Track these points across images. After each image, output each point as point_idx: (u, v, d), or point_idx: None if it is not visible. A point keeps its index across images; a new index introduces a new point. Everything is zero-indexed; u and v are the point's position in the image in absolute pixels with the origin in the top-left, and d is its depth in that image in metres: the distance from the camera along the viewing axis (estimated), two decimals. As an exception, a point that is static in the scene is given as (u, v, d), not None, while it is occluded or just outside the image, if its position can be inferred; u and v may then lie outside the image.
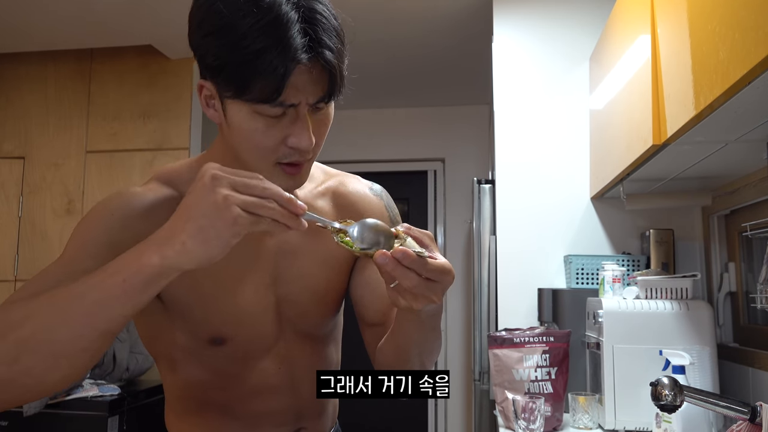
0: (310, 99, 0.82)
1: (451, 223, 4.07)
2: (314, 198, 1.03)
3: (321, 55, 0.80)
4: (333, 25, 0.82)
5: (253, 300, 0.97)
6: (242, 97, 0.80)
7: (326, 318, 1.06)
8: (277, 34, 0.77)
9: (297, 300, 1.00)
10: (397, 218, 1.09)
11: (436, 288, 0.75)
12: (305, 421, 1.05)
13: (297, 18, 0.78)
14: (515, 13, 2.53)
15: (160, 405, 1.10)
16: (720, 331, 2.02)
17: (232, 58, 0.79)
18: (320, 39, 0.80)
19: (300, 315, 1.02)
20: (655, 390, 1.30)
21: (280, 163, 0.87)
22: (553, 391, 1.84)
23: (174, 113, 3.30)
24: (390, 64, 3.41)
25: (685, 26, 1.26)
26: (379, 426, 3.96)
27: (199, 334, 0.96)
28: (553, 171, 2.43)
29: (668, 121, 1.38)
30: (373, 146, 4.08)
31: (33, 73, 3.44)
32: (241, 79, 0.79)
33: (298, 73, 0.79)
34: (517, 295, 2.38)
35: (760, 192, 1.73)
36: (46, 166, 3.36)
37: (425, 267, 0.74)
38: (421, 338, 0.91)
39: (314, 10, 0.81)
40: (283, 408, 1.02)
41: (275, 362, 1.01)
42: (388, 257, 0.73)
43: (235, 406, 1.01)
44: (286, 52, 0.77)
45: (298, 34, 0.78)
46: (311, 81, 0.81)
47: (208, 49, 0.82)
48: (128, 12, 2.77)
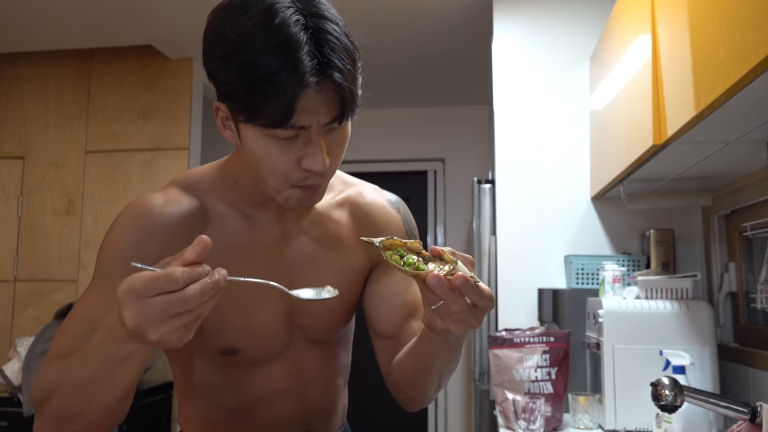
0: (322, 120, 0.81)
1: (451, 223, 4.07)
2: (332, 208, 1.03)
3: (330, 78, 0.79)
4: (344, 45, 0.81)
5: (267, 311, 0.97)
6: (254, 121, 0.80)
7: (337, 326, 1.06)
8: (285, 57, 0.76)
9: (310, 310, 1.00)
10: (413, 231, 1.09)
11: (479, 314, 0.76)
12: (314, 423, 1.05)
13: (306, 39, 0.78)
14: (515, 13, 2.53)
15: (160, 405, 1.11)
16: (720, 331, 2.02)
17: (242, 83, 0.78)
18: (330, 61, 0.79)
19: (312, 324, 1.02)
20: (656, 390, 1.30)
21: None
22: (554, 391, 1.84)
23: (174, 113, 3.30)
24: (390, 65, 3.41)
25: (686, 26, 1.26)
26: (379, 426, 3.96)
27: (211, 346, 0.96)
28: (553, 171, 2.43)
29: (668, 121, 1.38)
30: (373, 146, 4.08)
31: (33, 73, 3.44)
32: (252, 104, 0.79)
33: (308, 96, 0.78)
34: (517, 295, 2.38)
35: (761, 192, 1.73)
36: (46, 166, 3.36)
37: (477, 293, 0.74)
38: (445, 359, 0.91)
39: (324, 30, 0.79)
40: (292, 411, 1.02)
41: (285, 367, 1.01)
42: (441, 280, 0.73)
43: (244, 409, 1.01)
44: (295, 76, 0.76)
45: (307, 57, 0.77)
46: (322, 103, 0.80)
47: (219, 74, 0.82)
48: (128, 12, 2.77)
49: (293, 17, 0.78)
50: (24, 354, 2.61)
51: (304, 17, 0.79)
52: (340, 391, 1.11)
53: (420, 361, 0.93)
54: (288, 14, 0.79)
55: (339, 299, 1.00)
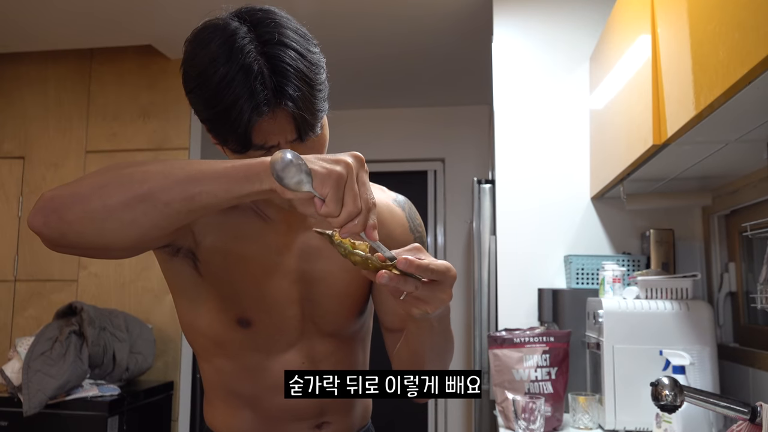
0: (288, 138, 0.87)
1: (451, 223, 4.07)
2: None
3: (284, 105, 0.83)
4: (298, 70, 0.84)
5: (278, 291, 1.01)
6: (224, 146, 0.88)
7: (348, 319, 1.08)
8: (239, 89, 0.82)
9: (319, 300, 1.03)
10: (418, 228, 1.12)
11: (444, 287, 0.78)
12: (329, 415, 1.07)
13: (258, 69, 0.82)
14: (515, 13, 2.53)
15: (160, 405, 1.13)
16: (720, 331, 2.02)
17: (207, 116, 0.86)
18: (281, 89, 0.83)
19: (321, 315, 1.04)
20: (656, 390, 1.30)
21: None
22: (553, 391, 1.84)
23: (174, 113, 3.30)
24: (390, 64, 3.41)
25: (685, 26, 1.26)
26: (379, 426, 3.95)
27: (228, 312, 1.00)
28: (553, 171, 2.43)
29: (668, 121, 1.38)
30: (373, 146, 4.08)
31: (33, 73, 3.44)
32: (219, 133, 0.87)
33: (265, 122, 0.84)
34: (517, 295, 2.38)
35: (761, 192, 1.73)
36: (46, 166, 3.36)
37: (425, 269, 0.75)
38: (434, 342, 0.94)
39: (276, 58, 0.84)
40: (306, 402, 1.04)
41: (299, 357, 1.04)
42: (390, 276, 0.75)
43: (260, 398, 1.04)
44: (248, 106, 0.82)
45: (260, 86, 0.82)
46: (279, 127, 0.85)
47: (193, 105, 0.90)
48: (128, 12, 2.77)
49: (247, 47, 0.83)
50: (24, 354, 2.61)
51: (258, 46, 0.84)
52: None
53: (412, 350, 0.97)
54: (243, 44, 0.83)
55: (345, 291, 1.04)
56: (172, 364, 3.15)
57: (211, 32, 0.86)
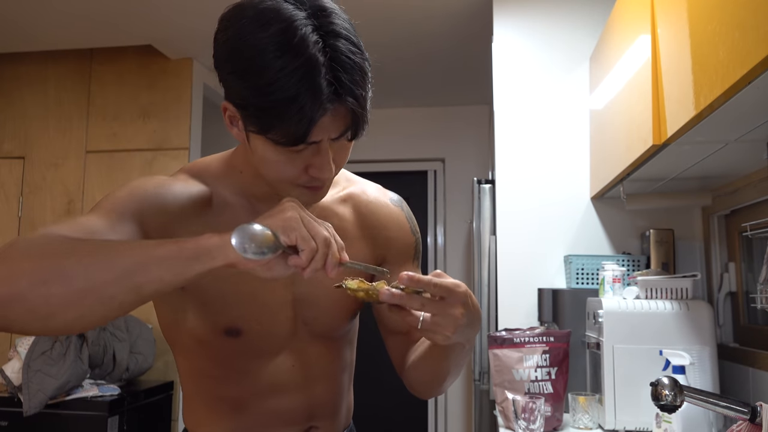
0: (332, 135, 0.83)
1: (451, 223, 4.07)
2: (335, 203, 1.05)
3: (345, 102, 0.80)
4: (358, 65, 0.81)
5: (271, 295, 0.98)
6: (265, 135, 0.81)
7: (341, 322, 1.06)
8: (303, 83, 0.77)
9: (314, 302, 1.01)
10: (415, 228, 1.12)
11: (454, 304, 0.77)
12: (317, 420, 1.06)
13: (323, 62, 0.78)
14: (515, 14, 2.53)
15: (160, 405, 1.11)
16: (720, 331, 2.02)
17: (258, 102, 0.79)
18: (345, 85, 0.79)
19: (315, 317, 1.03)
20: (655, 390, 1.30)
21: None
22: (553, 391, 1.84)
23: (174, 113, 3.30)
24: (390, 64, 3.41)
25: (685, 26, 1.26)
26: (379, 425, 3.95)
27: (216, 323, 0.97)
28: (553, 171, 2.43)
29: (668, 121, 1.38)
30: (373, 146, 4.08)
31: (33, 73, 3.44)
32: (266, 123, 0.80)
33: (325, 118, 0.80)
34: (517, 295, 2.38)
35: (760, 192, 1.73)
36: (46, 166, 3.36)
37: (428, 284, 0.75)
38: (461, 359, 0.94)
39: (339, 51, 0.79)
40: (295, 406, 1.03)
41: (289, 360, 1.02)
42: (392, 293, 0.74)
43: (247, 402, 1.01)
44: (313, 103, 0.77)
45: (325, 82, 0.77)
46: (334, 123, 0.81)
47: (232, 86, 0.82)
48: (128, 12, 2.77)
49: (311, 37, 0.78)
50: (24, 354, 2.61)
51: (321, 37, 0.79)
52: (344, 388, 1.11)
53: (435, 369, 0.96)
54: (306, 33, 0.78)
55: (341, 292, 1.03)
56: (172, 364, 3.14)
57: (272, 14, 0.79)
